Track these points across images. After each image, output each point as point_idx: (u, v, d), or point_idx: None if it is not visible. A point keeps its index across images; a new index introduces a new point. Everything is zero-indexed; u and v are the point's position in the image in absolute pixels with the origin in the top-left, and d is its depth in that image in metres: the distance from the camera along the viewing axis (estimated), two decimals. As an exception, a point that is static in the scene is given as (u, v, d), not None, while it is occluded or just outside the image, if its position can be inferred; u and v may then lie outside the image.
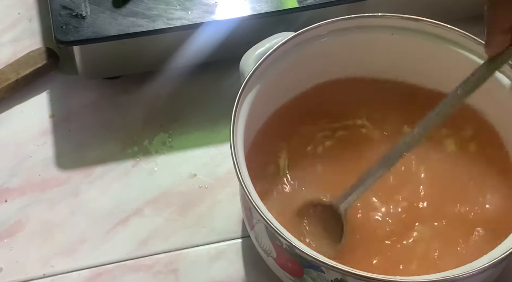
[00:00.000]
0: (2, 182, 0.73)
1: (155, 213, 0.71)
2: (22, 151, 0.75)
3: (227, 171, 0.73)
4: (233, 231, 0.70)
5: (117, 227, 0.71)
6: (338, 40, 0.67)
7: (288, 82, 0.68)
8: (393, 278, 0.56)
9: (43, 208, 0.72)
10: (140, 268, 0.69)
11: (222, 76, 0.78)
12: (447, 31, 0.66)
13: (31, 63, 0.78)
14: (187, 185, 0.73)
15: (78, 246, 0.70)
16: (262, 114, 0.68)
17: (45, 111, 0.77)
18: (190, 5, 0.73)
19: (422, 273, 0.57)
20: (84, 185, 0.73)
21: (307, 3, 0.73)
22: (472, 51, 0.66)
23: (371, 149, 0.67)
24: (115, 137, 0.75)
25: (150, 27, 0.72)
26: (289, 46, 0.66)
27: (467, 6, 0.78)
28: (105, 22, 0.72)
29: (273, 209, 0.60)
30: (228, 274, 0.68)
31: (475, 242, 0.63)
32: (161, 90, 0.77)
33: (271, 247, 0.61)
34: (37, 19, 0.83)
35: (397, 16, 0.67)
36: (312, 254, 0.56)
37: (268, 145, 0.67)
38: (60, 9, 0.72)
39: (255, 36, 0.68)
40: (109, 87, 0.78)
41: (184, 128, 0.76)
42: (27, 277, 0.68)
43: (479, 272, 0.56)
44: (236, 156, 0.60)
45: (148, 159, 0.74)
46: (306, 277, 0.60)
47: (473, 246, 0.63)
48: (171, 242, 0.70)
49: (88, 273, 0.68)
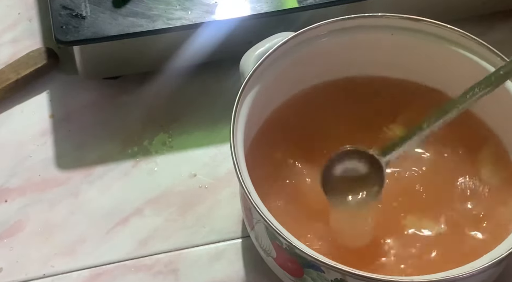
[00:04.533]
0: (2, 182, 0.73)
1: (155, 213, 0.71)
2: (22, 151, 0.75)
3: (227, 171, 0.73)
4: (233, 231, 0.70)
5: (117, 227, 0.71)
6: (338, 40, 0.67)
7: (288, 82, 0.68)
8: (393, 278, 0.56)
9: (43, 208, 0.72)
10: (140, 268, 0.69)
11: (222, 76, 0.78)
12: (447, 31, 0.66)
13: (31, 63, 0.78)
14: (187, 185, 0.73)
15: (78, 246, 0.70)
16: (262, 114, 0.68)
17: (45, 111, 0.77)
18: (190, 5, 0.73)
19: (422, 273, 0.57)
20: (84, 185, 0.73)
21: (307, 3, 0.73)
22: (472, 51, 0.66)
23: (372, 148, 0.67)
24: (115, 137, 0.75)
25: (150, 27, 0.72)
26: (289, 46, 0.66)
27: (467, 6, 0.78)
28: (105, 22, 0.72)
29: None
30: (228, 274, 0.68)
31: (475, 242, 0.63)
32: (161, 90, 0.77)
33: (271, 247, 0.61)
34: (37, 19, 0.83)
35: (397, 16, 0.67)
36: (312, 254, 0.56)
37: (268, 145, 0.67)
38: (60, 9, 0.72)
39: (255, 36, 0.68)
40: (109, 87, 0.78)
41: (184, 128, 0.76)
42: (27, 277, 0.68)
43: (479, 272, 0.56)
44: (236, 156, 0.60)
45: (148, 159, 0.74)
46: (306, 277, 0.60)
47: (473, 246, 0.63)
48: (171, 242, 0.70)
49: (88, 273, 0.68)
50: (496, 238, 0.60)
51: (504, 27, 0.81)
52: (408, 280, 0.56)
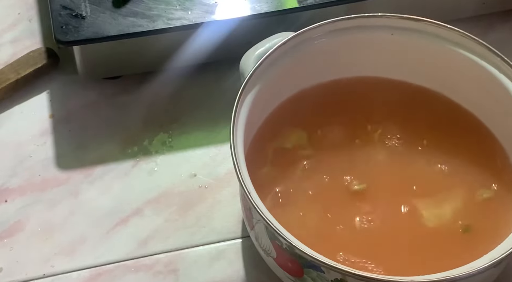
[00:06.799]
0: (2, 182, 0.73)
1: (155, 213, 0.71)
2: (22, 151, 0.75)
3: (227, 171, 0.73)
4: (233, 231, 0.70)
5: (117, 227, 0.71)
6: (338, 40, 0.67)
7: (288, 82, 0.68)
8: (393, 278, 0.56)
9: (43, 208, 0.72)
10: (140, 268, 0.69)
11: (222, 76, 0.78)
12: (447, 31, 0.66)
13: (31, 63, 0.78)
14: (187, 185, 0.73)
15: (78, 246, 0.70)
16: (262, 114, 0.68)
17: (45, 111, 0.77)
18: (190, 5, 0.73)
19: (422, 273, 0.57)
20: (84, 185, 0.73)
21: (307, 3, 0.73)
22: (472, 51, 0.66)
23: (371, 148, 0.67)
24: (115, 137, 0.75)
25: (150, 27, 0.72)
26: (289, 46, 0.66)
27: (467, 6, 0.78)
28: (105, 22, 0.72)
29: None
30: (228, 274, 0.68)
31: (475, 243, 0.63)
32: (161, 90, 0.77)
33: (271, 247, 0.61)
34: (37, 19, 0.83)
35: (397, 16, 0.67)
36: (312, 254, 0.56)
37: (268, 145, 0.67)
38: (60, 9, 0.72)
39: (255, 36, 0.68)
40: (109, 87, 0.78)
41: (184, 128, 0.76)
42: (27, 277, 0.68)
43: (479, 272, 0.56)
44: (236, 156, 0.60)
45: (148, 159, 0.74)
46: (306, 277, 0.60)
47: (472, 247, 0.63)
48: (171, 242, 0.70)
49: (88, 273, 0.68)
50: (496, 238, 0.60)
51: (504, 27, 0.81)
52: (408, 280, 0.56)
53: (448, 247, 0.63)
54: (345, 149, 0.68)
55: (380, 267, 0.62)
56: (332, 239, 0.63)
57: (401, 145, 0.68)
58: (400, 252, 0.63)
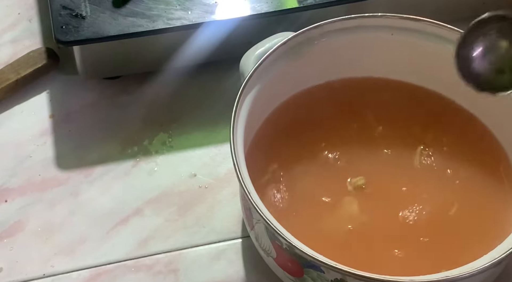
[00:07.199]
0: (2, 182, 0.73)
1: (155, 213, 0.71)
2: (22, 151, 0.75)
3: (227, 171, 0.73)
4: (233, 231, 0.70)
5: (117, 227, 0.71)
6: (338, 40, 0.67)
7: (288, 82, 0.68)
8: (393, 278, 0.56)
9: (43, 208, 0.72)
10: (140, 268, 0.69)
11: (222, 76, 0.78)
12: (447, 31, 0.66)
13: (31, 63, 0.78)
14: (187, 185, 0.73)
15: (78, 246, 0.70)
16: (262, 114, 0.68)
17: (45, 111, 0.77)
18: (190, 5, 0.73)
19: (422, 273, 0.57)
20: (84, 185, 0.73)
21: (307, 3, 0.73)
22: (472, 51, 0.66)
23: (371, 148, 0.67)
24: (115, 137, 0.75)
25: (150, 27, 0.72)
26: (289, 46, 0.66)
27: (467, 6, 0.78)
28: (105, 22, 0.72)
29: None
30: (228, 274, 0.68)
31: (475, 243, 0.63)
32: (161, 90, 0.77)
33: (271, 247, 0.61)
34: (37, 19, 0.83)
35: (397, 16, 0.67)
36: (312, 254, 0.56)
37: (268, 145, 0.67)
38: (60, 9, 0.72)
39: (255, 36, 0.68)
40: (109, 87, 0.78)
41: (184, 128, 0.76)
42: (27, 277, 0.68)
43: (479, 272, 0.56)
44: (236, 156, 0.60)
45: (148, 159, 0.74)
46: (306, 277, 0.60)
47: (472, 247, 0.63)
48: (171, 242, 0.70)
49: (88, 273, 0.68)
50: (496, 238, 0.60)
51: (504, 27, 0.81)
52: (408, 280, 0.56)
53: (448, 247, 0.63)
54: (344, 148, 0.68)
55: (380, 267, 0.62)
56: (332, 239, 0.63)
57: (400, 145, 0.68)
58: (400, 252, 0.63)
